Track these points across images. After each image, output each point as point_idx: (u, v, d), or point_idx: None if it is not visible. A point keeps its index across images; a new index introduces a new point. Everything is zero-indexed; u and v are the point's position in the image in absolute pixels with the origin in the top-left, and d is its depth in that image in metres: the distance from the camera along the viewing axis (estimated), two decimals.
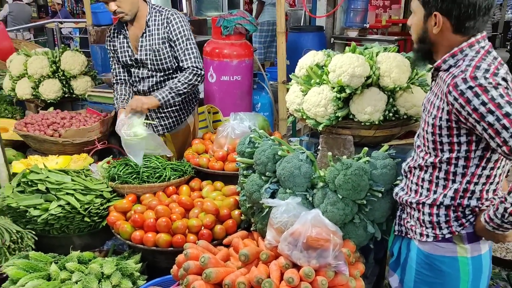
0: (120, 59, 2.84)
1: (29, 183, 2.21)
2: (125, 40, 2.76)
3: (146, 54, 2.71)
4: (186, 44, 2.64)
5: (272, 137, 1.85)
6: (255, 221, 1.80)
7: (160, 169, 2.29)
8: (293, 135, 3.80)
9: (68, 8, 14.12)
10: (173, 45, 2.69)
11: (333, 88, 1.95)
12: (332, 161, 1.62)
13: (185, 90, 2.63)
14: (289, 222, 1.46)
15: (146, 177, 2.25)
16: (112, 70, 3.00)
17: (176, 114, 2.96)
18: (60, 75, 3.65)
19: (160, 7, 2.74)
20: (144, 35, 2.71)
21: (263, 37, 7.12)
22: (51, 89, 3.60)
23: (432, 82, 1.51)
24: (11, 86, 3.76)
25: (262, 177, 1.74)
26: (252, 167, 1.87)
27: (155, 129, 2.99)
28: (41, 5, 14.11)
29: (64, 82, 3.67)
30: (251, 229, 1.86)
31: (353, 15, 6.16)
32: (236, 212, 1.98)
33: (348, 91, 1.89)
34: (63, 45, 4.58)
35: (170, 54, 2.70)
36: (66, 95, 3.69)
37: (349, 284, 1.41)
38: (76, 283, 1.65)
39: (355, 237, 1.59)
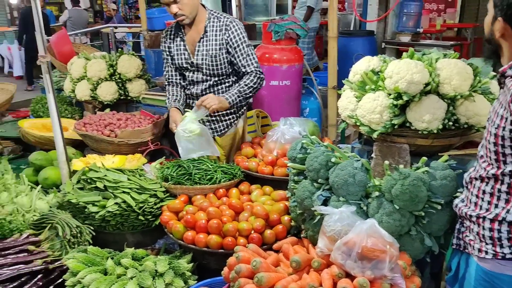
0: (176, 61, 2.91)
1: (88, 180, 2.32)
2: (182, 43, 2.83)
3: (202, 59, 2.77)
4: (247, 50, 2.70)
5: (325, 143, 1.83)
6: (305, 228, 1.79)
7: (211, 172, 2.33)
8: (341, 142, 3.74)
9: (122, 14, 14.70)
10: (231, 51, 2.72)
11: (389, 94, 1.91)
12: (388, 170, 1.59)
13: (250, 94, 2.70)
14: (343, 231, 1.44)
15: (197, 179, 2.29)
16: (165, 72, 3.07)
17: (227, 118, 2.99)
18: (116, 78, 3.80)
19: (218, 13, 2.79)
20: (202, 40, 2.76)
21: (310, 42, 7.11)
22: (108, 91, 3.76)
23: (499, 89, 1.45)
24: (71, 88, 3.96)
25: (314, 183, 1.73)
26: (304, 173, 1.86)
27: None
28: (97, 10, 14.78)
29: (120, 85, 3.82)
30: (302, 235, 1.85)
31: (405, 20, 6.01)
32: (286, 217, 1.98)
33: (405, 98, 1.84)
34: (120, 49, 4.80)
35: (226, 60, 2.74)
36: (122, 97, 3.83)
37: None
38: (131, 279, 1.70)
39: (411, 250, 1.54)
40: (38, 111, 3.97)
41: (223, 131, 3.03)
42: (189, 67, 2.86)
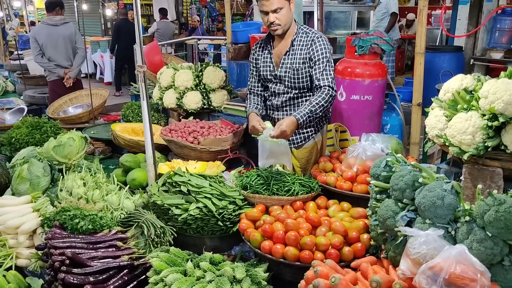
0: (261, 73, 3.01)
1: (173, 184, 2.45)
2: (268, 56, 2.93)
3: (286, 71, 2.83)
4: (326, 65, 2.72)
5: (412, 163, 1.78)
6: (386, 248, 1.74)
7: (289, 183, 2.35)
8: (423, 161, 3.59)
9: (205, 26, 15.36)
10: (313, 65, 2.77)
11: (484, 115, 1.81)
12: (481, 194, 1.50)
13: (320, 114, 2.71)
14: (428, 255, 1.39)
15: (275, 190, 2.33)
16: (248, 82, 3.19)
17: (305, 131, 3.01)
18: (201, 88, 3.99)
19: (308, 28, 2.86)
20: (288, 53, 2.83)
21: (390, 56, 6.93)
22: (193, 100, 3.95)
23: None
24: (159, 96, 4.21)
25: (398, 203, 1.68)
26: (387, 191, 1.82)
27: None
28: (182, 22, 15.57)
29: (204, 95, 4.00)
30: (381, 256, 1.80)
31: (498, 35, 5.64)
32: (365, 236, 1.94)
33: (501, 119, 1.74)
34: (202, 59, 5.04)
35: (308, 74, 2.79)
36: (205, 106, 4.01)
37: None
38: (210, 282, 1.76)
39: (502, 281, 1.44)
40: (128, 116, 4.27)
41: (300, 144, 3.06)
42: (272, 79, 2.93)
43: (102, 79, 12.37)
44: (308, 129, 3.01)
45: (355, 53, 3.47)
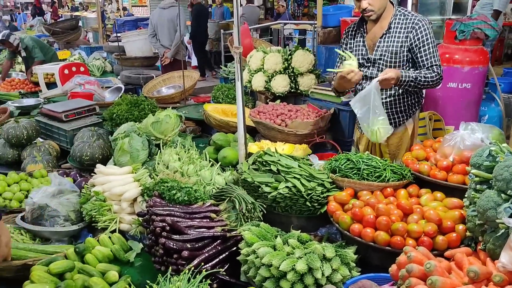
0: None
1: (263, 163, 2.53)
2: (361, 39, 2.87)
3: (381, 55, 2.77)
4: (433, 50, 2.65)
5: None
6: (484, 240, 1.67)
7: (380, 169, 2.33)
8: None
9: (290, 11, 15.31)
10: (416, 50, 2.69)
11: None
12: None
13: (423, 87, 2.68)
14: None
15: (365, 175, 2.32)
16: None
17: (396, 116, 2.93)
18: (289, 72, 4.04)
19: (406, 10, 2.77)
20: (384, 36, 2.76)
21: (488, 44, 6.41)
22: (281, 84, 4.02)
23: None
24: (248, 78, 4.34)
25: (502, 194, 1.60)
26: (488, 182, 1.74)
27: None
28: (268, 7, 15.66)
29: (292, 78, 4.05)
30: (478, 248, 1.73)
31: None
32: (461, 226, 1.87)
33: None
34: (290, 46, 5.12)
35: (405, 58, 2.71)
36: (292, 90, 4.06)
37: None
38: (299, 258, 1.83)
39: None
40: (218, 98, 4.45)
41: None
42: (364, 63, 2.88)
43: (190, 63, 12.89)
44: (400, 115, 2.92)
45: (455, 38, 3.28)
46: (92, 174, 2.92)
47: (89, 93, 4.78)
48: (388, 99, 2.87)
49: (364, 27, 2.86)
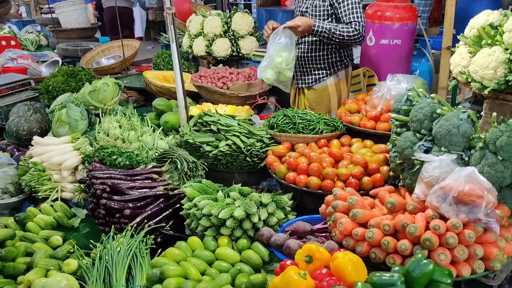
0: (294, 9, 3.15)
1: (204, 124, 2.59)
2: None
3: (307, 7, 2.94)
4: (353, 7, 2.76)
5: (432, 95, 1.83)
6: (403, 177, 1.84)
7: (314, 122, 2.45)
8: (452, 104, 3.57)
9: None
10: (336, 5, 2.80)
11: (507, 49, 1.82)
12: (495, 122, 1.55)
13: (338, 40, 2.78)
14: (441, 177, 1.48)
15: (301, 128, 2.43)
16: None
17: (316, 72, 3.10)
18: (230, 35, 4.05)
19: None
20: None
21: (428, 5, 6.66)
22: (222, 48, 4.03)
23: None
24: (188, 44, 4.30)
25: (417, 134, 1.75)
26: (407, 125, 1.89)
27: (295, 82, 3.22)
28: None
29: (233, 42, 4.06)
30: (399, 184, 1.90)
31: None
32: (385, 168, 2.03)
33: None
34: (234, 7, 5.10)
35: (327, 13, 2.86)
36: (234, 54, 4.08)
37: (498, 243, 1.39)
38: (238, 207, 1.92)
39: (511, 203, 1.52)
40: (159, 64, 4.40)
41: (310, 84, 3.15)
42: (299, 15, 3.03)
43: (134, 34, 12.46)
44: (320, 71, 3.08)
45: None
46: (30, 147, 2.87)
47: (23, 68, 4.57)
48: (305, 54, 3.05)
49: None
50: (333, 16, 2.86)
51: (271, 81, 2.93)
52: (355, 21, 2.76)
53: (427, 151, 1.69)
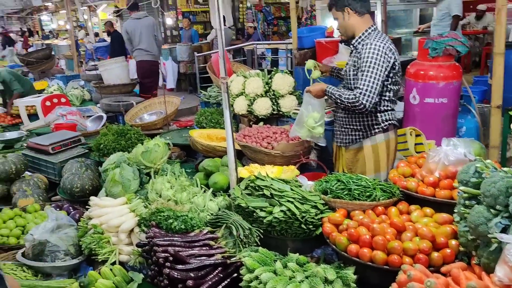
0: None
1: (256, 187, 2.58)
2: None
3: (344, 71, 3.16)
4: (365, 75, 2.85)
5: (504, 169, 1.79)
6: (478, 254, 1.76)
7: (370, 189, 2.41)
8: (502, 165, 3.48)
9: (260, 30, 15.55)
10: (357, 71, 2.95)
11: None
12: None
13: (342, 105, 2.97)
14: None
15: (357, 195, 2.40)
16: None
17: (353, 134, 3.17)
18: (271, 95, 4.13)
19: (372, 34, 2.99)
20: (351, 54, 3.11)
21: None
22: (263, 107, 4.10)
23: None
24: (230, 102, 4.39)
25: (491, 210, 1.69)
26: (476, 198, 1.83)
27: (335, 139, 3.38)
28: (239, 28, 15.87)
29: (273, 101, 4.14)
30: (473, 262, 1.82)
31: None
32: (454, 242, 1.96)
33: None
34: (263, 65, 5.26)
35: (352, 78, 3.03)
36: (274, 112, 4.14)
37: None
38: (301, 282, 1.87)
39: None
40: (201, 122, 4.49)
41: (347, 144, 3.22)
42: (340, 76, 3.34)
43: (165, 85, 12.90)
44: (356, 133, 3.15)
45: (428, 56, 3.45)
46: (85, 206, 2.94)
47: (72, 124, 4.76)
48: (342, 114, 3.19)
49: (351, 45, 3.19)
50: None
51: (304, 137, 3.25)
52: (359, 88, 2.85)
53: (504, 229, 1.63)
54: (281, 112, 4.16)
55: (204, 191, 3.01)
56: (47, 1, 18.49)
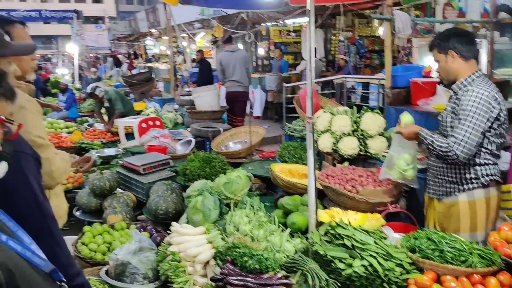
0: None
1: (336, 236, 2.47)
2: None
3: (442, 115, 2.96)
4: (463, 124, 2.66)
5: None
6: None
7: (465, 253, 2.18)
8: None
9: (352, 62, 15.37)
10: (455, 118, 2.77)
11: None
12: None
13: (434, 152, 2.76)
14: None
15: (449, 258, 2.18)
16: None
17: (447, 185, 2.92)
18: (358, 134, 3.99)
19: (475, 80, 2.80)
20: (450, 99, 2.92)
21: None
22: (349, 146, 3.96)
23: None
24: (314, 138, 4.33)
25: None
26: None
27: (427, 190, 3.14)
28: (329, 60, 15.85)
29: (361, 141, 3.98)
30: None
31: None
32: None
33: None
34: (353, 99, 5.14)
35: (450, 124, 2.84)
36: (361, 153, 3.99)
37: None
38: None
39: None
40: (284, 156, 4.47)
41: (440, 196, 2.98)
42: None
43: (252, 113, 13.22)
44: (450, 185, 2.90)
45: None
46: (167, 228, 3.05)
47: (164, 147, 5.03)
48: (435, 163, 2.98)
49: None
50: None
51: (395, 179, 3.09)
52: (455, 137, 2.66)
53: None
54: (368, 153, 3.99)
55: (282, 230, 2.95)
56: (152, 28, 20.11)
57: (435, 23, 6.56)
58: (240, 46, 15.61)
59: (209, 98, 6.99)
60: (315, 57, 12.61)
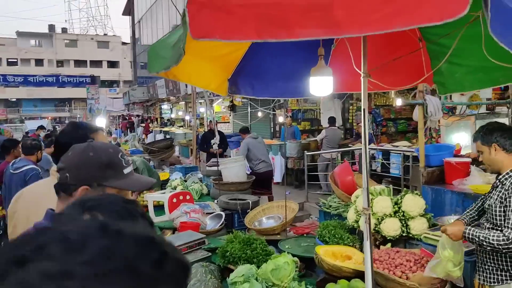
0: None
1: None
2: None
3: (489, 205, 2.92)
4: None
5: None
6: None
7: None
8: None
9: (372, 131, 15.58)
10: (505, 209, 2.76)
11: None
12: None
13: (488, 248, 2.70)
14: None
15: None
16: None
17: (498, 273, 2.87)
18: (400, 216, 4.00)
19: None
20: (495, 189, 2.93)
21: None
22: (391, 228, 3.97)
23: None
24: (354, 219, 4.34)
25: None
26: None
27: (477, 275, 3.08)
28: (347, 128, 16.11)
29: (403, 222, 3.99)
30: None
31: None
32: None
33: None
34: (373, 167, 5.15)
35: (498, 215, 2.81)
36: (403, 234, 3.97)
37: None
38: None
39: None
40: (324, 236, 4.44)
41: (492, 284, 2.92)
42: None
43: (272, 180, 13.26)
44: (501, 273, 2.86)
45: None
46: None
47: (197, 223, 4.98)
48: (484, 252, 2.94)
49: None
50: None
51: (440, 277, 3.03)
52: (508, 227, 2.66)
53: None
54: (410, 235, 3.98)
55: None
56: (171, 95, 20.82)
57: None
58: (260, 114, 16.04)
59: (236, 169, 7.09)
60: (335, 126, 12.92)
